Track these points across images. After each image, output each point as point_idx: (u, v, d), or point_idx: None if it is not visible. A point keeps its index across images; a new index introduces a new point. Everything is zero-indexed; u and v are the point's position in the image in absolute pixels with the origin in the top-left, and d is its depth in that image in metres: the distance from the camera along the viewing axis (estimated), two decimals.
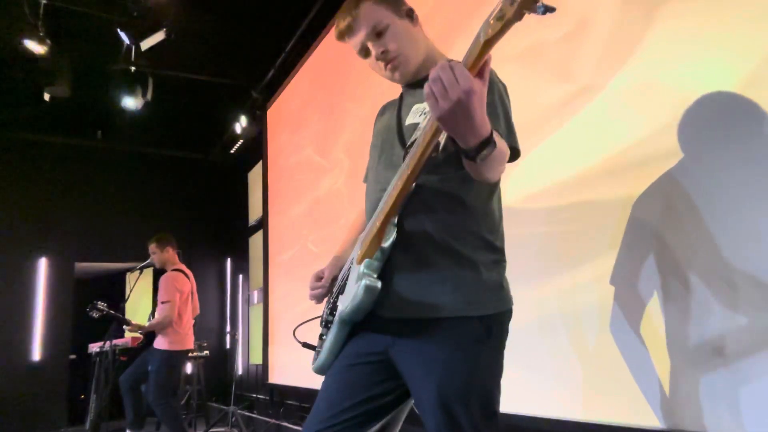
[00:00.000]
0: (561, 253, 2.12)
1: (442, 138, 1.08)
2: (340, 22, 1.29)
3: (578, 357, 2.01)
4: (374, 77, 1.37)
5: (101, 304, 4.18)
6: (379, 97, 1.49)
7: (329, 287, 1.40)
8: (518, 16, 0.78)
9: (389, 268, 1.18)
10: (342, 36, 1.30)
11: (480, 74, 0.88)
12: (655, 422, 1.69)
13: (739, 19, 1.60)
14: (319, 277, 1.41)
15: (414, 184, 1.14)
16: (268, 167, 5.88)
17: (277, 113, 5.76)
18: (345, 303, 1.19)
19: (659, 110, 1.79)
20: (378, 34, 1.25)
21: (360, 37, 1.27)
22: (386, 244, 1.16)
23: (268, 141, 5.95)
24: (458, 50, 1.40)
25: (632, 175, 1.85)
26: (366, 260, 1.16)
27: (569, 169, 2.10)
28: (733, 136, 1.56)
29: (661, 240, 1.74)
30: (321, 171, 4.53)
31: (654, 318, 1.73)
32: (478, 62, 0.86)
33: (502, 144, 1.04)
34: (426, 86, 0.88)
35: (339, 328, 1.24)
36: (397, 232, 1.16)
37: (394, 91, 1.43)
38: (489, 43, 0.83)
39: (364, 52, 1.30)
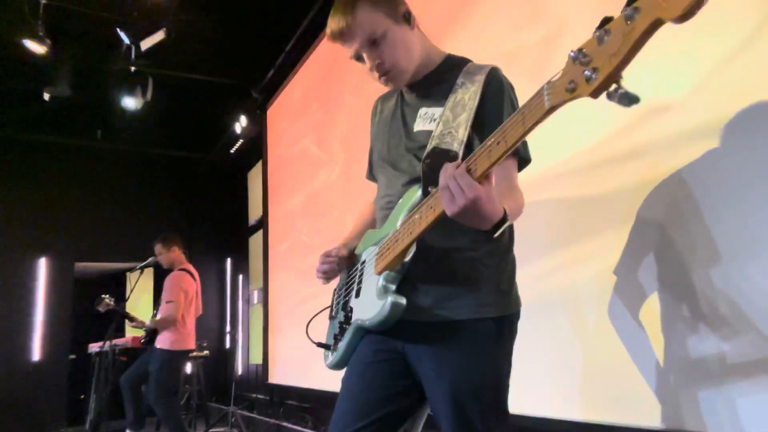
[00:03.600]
0: (556, 252, 2.12)
1: (461, 149, 1.12)
2: (333, 25, 1.22)
3: (578, 356, 2.01)
4: None
5: (108, 299, 4.19)
6: (376, 89, 1.49)
7: (339, 266, 1.39)
8: (593, 97, 0.72)
9: (406, 274, 1.19)
10: (334, 39, 1.24)
11: (487, 175, 0.93)
12: (656, 422, 1.69)
13: (710, 21, 1.62)
14: (328, 255, 1.39)
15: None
16: (267, 167, 5.88)
17: (277, 112, 5.76)
18: (365, 313, 1.19)
19: (632, 111, 1.82)
20: (373, 42, 1.20)
21: (354, 45, 1.21)
22: (408, 258, 1.16)
23: (267, 141, 5.96)
24: (448, 47, 1.40)
25: (598, 174, 1.87)
26: (387, 273, 1.17)
27: (538, 170, 2.13)
28: (746, 136, 1.56)
29: (665, 238, 1.74)
30: (318, 163, 4.56)
31: (656, 320, 1.72)
32: (533, 128, 0.84)
33: (515, 206, 1.09)
34: (439, 190, 0.96)
35: (356, 331, 1.25)
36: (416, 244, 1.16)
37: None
38: (553, 110, 0.81)
39: (357, 59, 1.25)
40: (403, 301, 1.14)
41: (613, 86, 0.69)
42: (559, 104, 0.78)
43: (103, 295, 4.22)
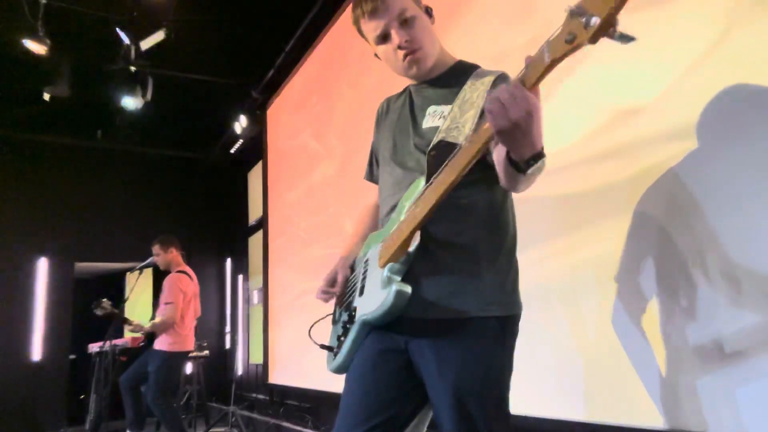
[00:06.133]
0: (555, 250, 2.12)
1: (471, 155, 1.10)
2: (365, 4, 1.24)
3: (579, 356, 2.00)
4: (372, 67, 1.35)
5: (106, 302, 4.20)
6: (375, 83, 1.49)
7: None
8: (592, 42, 0.76)
9: (409, 271, 1.18)
10: (363, 16, 1.26)
11: (534, 91, 0.89)
12: (657, 422, 1.69)
13: (688, 20, 1.67)
14: (332, 280, 1.37)
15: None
16: (268, 167, 5.89)
17: (277, 109, 5.77)
18: (370, 306, 1.18)
19: (614, 110, 1.90)
20: (404, 21, 1.23)
21: (384, 20, 1.23)
22: (412, 249, 1.15)
23: (267, 141, 5.96)
24: (447, 43, 1.40)
25: (588, 169, 1.87)
26: (390, 264, 1.16)
27: None
28: (739, 132, 1.56)
29: (664, 237, 1.73)
30: (316, 158, 4.59)
31: (656, 317, 1.72)
32: (540, 81, 0.86)
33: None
34: (486, 104, 0.90)
35: (360, 329, 1.24)
36: (419, 236, 1.16)
37: (391, 80, 1.41)
38: (555, 63, 0.83)
39: (383, 38, 1.26)
40: (408, 289, 1.13)
41: (610, 29, 0.74)
42: (559, 57, 0.81)
43: (101, 299, 4.22)
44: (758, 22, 1.53)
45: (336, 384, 1.26)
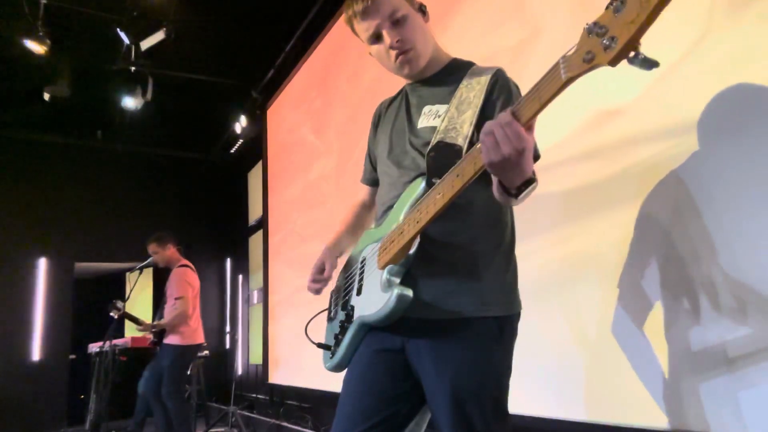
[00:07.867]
0: (561, 254, 2.12)
1: (465, 144, 1.12)
2: (356, 4, 1.24)
3: (579, 356, 2.00)
4: (371, 63, 1.34)
5: (120, 304, 4.18)
6: (374, 78, 1.49)
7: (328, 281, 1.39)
8: (612, 65, 0.73)
9: (407, 271, 1.18)
10: (355, 17, 1.25)
11: (529, 125, 0.90)
12: (658, 422, 1.69)
13: (670, 21, 1.66)
14: (320, 270, 1.38)
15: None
16: (268, 167, 5.89)
17: (277, 110, 5.78)
18: (369, 308, 1.18)
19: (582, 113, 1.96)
20: (395, 22, 1.22)
21: (376, 21, 1.23)
22: (412, 250, 1.15)
23: (267, 141, 5.97)
24: (445, 40, 1.40)
25: (562, 173, 1.90)
26: (390, 266, 1.16)
27: None
28: (742, 137, 1.56)
29: (666, 242, 1.73)
30: (314, 154, 4.61)
31: (658, 319, 1.72)
32: (554, 98, 0.84)
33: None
34: (481, 134, 0.91)
35: (359, 329, 1.24)
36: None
37: (389, 76, 1.41)
38: (570, 82, 0.81)
39: (375, 38, 1.26)
40: (410, 293, 1.12)
41: (632, 53, 0.71)
42: (576, 75, 0.79)
43: (115, 300, 4.20)
44: (737, 23, 1.55)
45: (336, 383, 1.26)
